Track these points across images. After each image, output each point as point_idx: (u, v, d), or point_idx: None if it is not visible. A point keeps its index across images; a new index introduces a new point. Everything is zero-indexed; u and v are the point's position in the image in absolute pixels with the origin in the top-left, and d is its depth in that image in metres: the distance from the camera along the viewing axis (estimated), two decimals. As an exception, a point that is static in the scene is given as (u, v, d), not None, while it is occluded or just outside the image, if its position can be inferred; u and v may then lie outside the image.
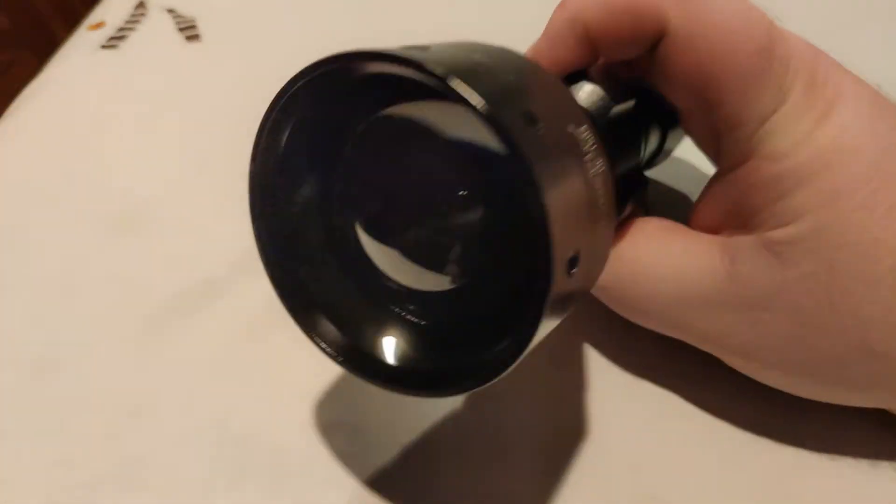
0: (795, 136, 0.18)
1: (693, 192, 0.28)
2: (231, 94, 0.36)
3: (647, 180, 0.24)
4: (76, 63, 0.41)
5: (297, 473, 0.21)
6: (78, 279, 0.26)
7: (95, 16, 0.45)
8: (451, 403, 0.23)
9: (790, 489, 0.20)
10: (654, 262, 0.20)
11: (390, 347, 0.18)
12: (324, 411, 0.23)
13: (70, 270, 0.25)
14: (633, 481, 0.21)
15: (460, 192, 0.17)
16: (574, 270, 0.14)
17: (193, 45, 0.41)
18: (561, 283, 0.14)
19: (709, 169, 0.22)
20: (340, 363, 0.18)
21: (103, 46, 0.42)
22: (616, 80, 0.22)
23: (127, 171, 0.32)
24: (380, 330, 0.19)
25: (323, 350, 0.18)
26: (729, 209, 0.20)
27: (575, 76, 0.21)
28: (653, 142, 0.24)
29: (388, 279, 0.19)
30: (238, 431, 0.22)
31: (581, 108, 0.19)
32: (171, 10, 0.45)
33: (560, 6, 0.20)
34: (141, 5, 0.45)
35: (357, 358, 0.18)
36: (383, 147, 0.18)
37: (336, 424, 0.22)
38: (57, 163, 0.33)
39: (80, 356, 0.23)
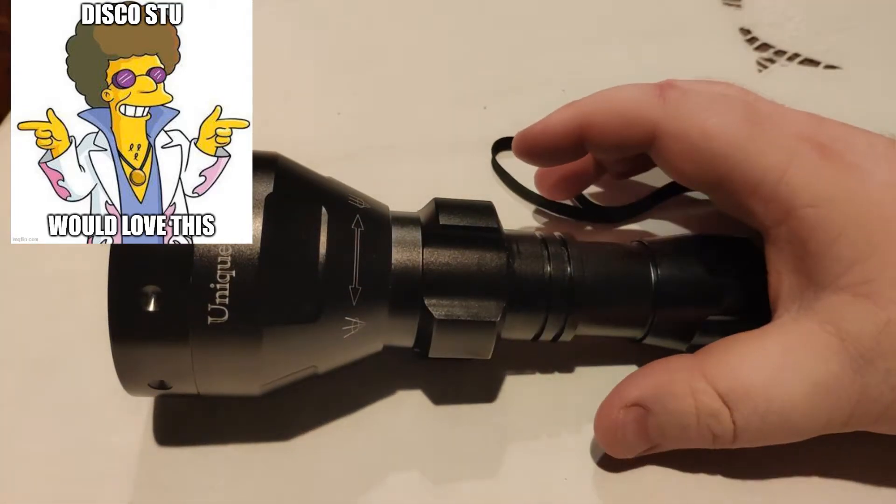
0: (822, 183, 0.19)
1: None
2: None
3: None
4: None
5: (298, 473, 0.21)
6: (78, 277, 0.26)
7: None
8: (451, 403, 0.23)
9: (791, 488, 0.20)
10: (774, 379, 0.19)
11: None
12: (325, 412, 0.23)
13: (70, 269, 0.25)
14: (633, 481, 0.21)
15: None
16: None
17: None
18: None
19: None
20: None
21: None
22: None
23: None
24: None
25: None
26: (796, 266, 0.20)
27: None
28: None
29: None
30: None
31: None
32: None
33: (568, 104, 0.23)
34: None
35: None
36: None
37: (338, 424, 0.22)
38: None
39: (80, 356, 0.23)
